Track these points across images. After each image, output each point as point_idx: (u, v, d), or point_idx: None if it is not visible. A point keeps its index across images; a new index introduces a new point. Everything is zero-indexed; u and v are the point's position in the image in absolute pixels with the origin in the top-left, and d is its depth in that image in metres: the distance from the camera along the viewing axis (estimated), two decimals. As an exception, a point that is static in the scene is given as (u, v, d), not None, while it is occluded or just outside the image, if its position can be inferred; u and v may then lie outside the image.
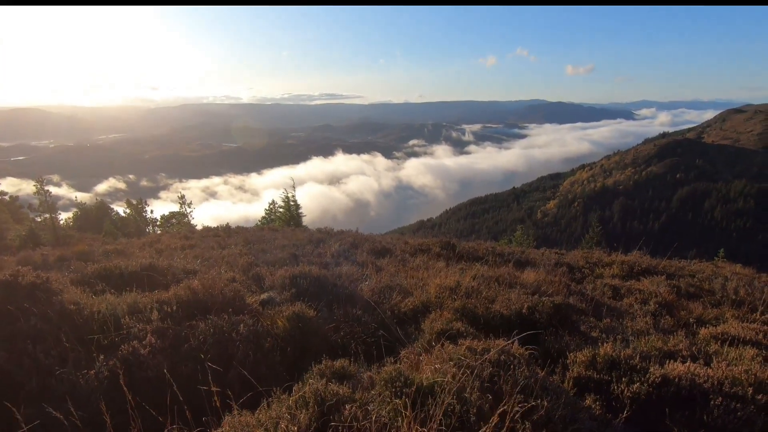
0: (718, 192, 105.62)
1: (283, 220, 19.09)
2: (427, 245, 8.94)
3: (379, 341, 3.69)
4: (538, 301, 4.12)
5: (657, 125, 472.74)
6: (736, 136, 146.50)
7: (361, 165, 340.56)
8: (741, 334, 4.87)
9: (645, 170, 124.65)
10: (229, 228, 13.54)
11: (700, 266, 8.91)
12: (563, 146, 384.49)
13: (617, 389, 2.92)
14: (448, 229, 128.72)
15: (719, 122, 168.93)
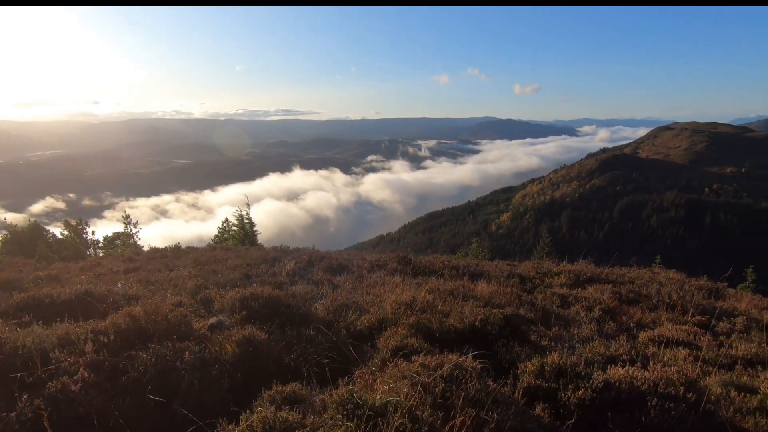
0: (653, 203, 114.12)
1: (237, 239, 18.47)
2: (384, 261, 8.95)
3: (334, 362, 3.62)
4: (490, 313, 4.22)
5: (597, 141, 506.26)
6: (667, 151, 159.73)
7: (319, 181, 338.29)
8: (675, 335, 5.24)
9: (589, 183, 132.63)
10: (178, 248, 12.90)
11: (638, 273, 9.52)
12: (514, 161, 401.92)
13: (564, 396, 3.03)
14: (407, 243, 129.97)
15: (651, 138, 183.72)
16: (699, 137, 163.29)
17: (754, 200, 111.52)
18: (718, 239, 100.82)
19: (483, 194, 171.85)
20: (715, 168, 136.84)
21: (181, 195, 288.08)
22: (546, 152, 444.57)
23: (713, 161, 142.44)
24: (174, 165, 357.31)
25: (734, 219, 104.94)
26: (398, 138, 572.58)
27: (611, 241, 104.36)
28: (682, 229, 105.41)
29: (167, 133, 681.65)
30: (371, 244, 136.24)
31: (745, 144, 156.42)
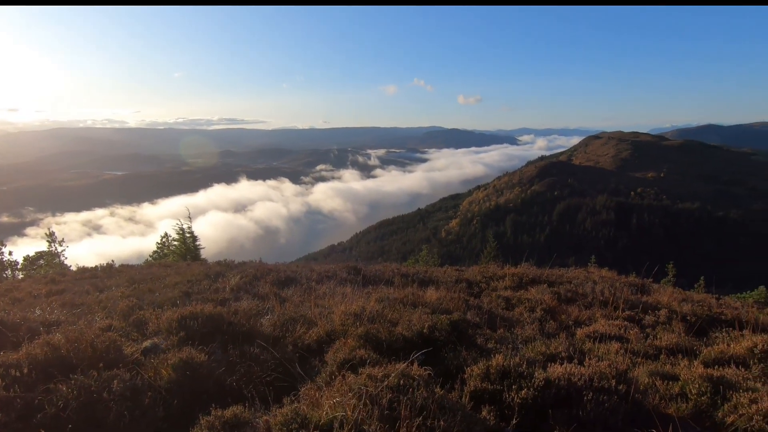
0: (587, 206, 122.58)
1: (178, 254, 17.44)
2: (334, 271, 8.85)
3: (280, 380, 3.49)
4: (437, 320, 4.27)
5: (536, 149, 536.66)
6: (597, 159, 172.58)
7: (267, 191, 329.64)
8: (608, 330, 5.59)
9: (530, 189, 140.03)
10: (110, 267, 11.94)
11: (575, 273, 10.12)
12: (460, 169, 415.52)
13: (509, 397, 3.12)
14: (359, 251, 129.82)
15: (583, 147, 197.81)
16: (624, 145, 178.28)
17: (672, 202, 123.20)
18: (644, 238, 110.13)
19: (432, 201, 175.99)
20: (638, 173, 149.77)
21: (116, 209, 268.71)
22: (490, 160, 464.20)
23: (636, 167, 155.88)
24: (106, 177, 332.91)
25: (656, 219, 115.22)
26: (347, 147, 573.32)
27: (552, 243, 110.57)
28: (612, 230, 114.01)
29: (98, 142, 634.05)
30: (323, 254, 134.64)
31: (662, 151, 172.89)
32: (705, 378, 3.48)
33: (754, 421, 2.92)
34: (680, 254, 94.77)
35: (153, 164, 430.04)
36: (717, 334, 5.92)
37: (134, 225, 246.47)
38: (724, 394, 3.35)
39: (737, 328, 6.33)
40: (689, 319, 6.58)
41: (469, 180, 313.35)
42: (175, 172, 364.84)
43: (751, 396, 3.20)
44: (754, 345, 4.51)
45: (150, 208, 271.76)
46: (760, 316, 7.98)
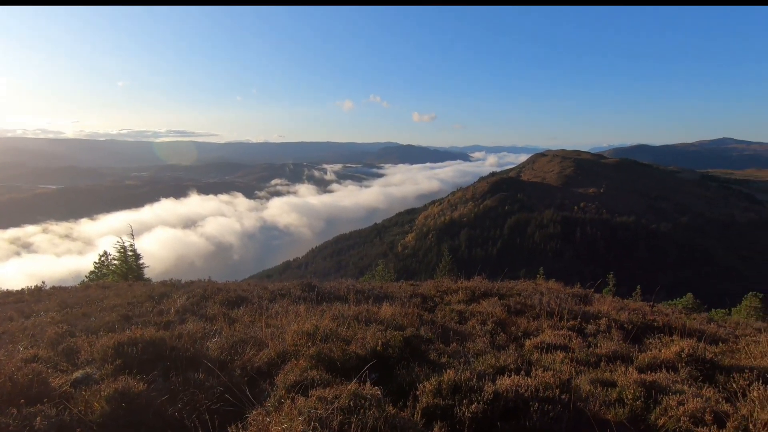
0: (535, 220, 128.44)
1: (119, 274, 16.30)
2: (287, 289, 8.64)
3: (227, 406, 3.33)
4: (391, 336, 4.28)
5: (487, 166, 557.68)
6: (543, 175, 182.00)
7: (220, 206, 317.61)
8: (553, 341, 5.83)
9: (482, 204, 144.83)
10: (39, 290, 10.93)
11: (524, 285, 10.53)
12: (416, 184, 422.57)
13: (460, 412, 3.16)
14: (315, 267, 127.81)
15: (531, 164, 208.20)
16: (567, 163, 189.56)
17: (611, 216, 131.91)
18: (587, 250, 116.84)
19: (389, 216, 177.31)
20: (581, 189, 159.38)
21: (49, 225, 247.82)
22: (444, 176, 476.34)
23: (579, 183, 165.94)
24: (40, 191, 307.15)
25: (598, 232, 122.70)
26: (303, 162, 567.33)
27: (504, 256, 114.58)
28: (559, 242, 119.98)
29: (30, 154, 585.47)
30: (278, 270, 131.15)
31: (601, 169, 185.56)
32: (639, 383, 3.71)
33: (682, 422, 3.15)
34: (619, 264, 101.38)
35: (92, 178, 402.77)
36: (650, 340, 6.35)
37: (71, 242, 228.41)
38: (656, 397, 3.59)
39: (668, 334, 6.83)
40: (626, 327, 7.02)
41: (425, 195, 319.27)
42: (118, 186, 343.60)
43: (679, 398, 3.45)
44: (681, 350, 4.89)
45: (89, 225, 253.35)
46: (688, 321, 8.67)
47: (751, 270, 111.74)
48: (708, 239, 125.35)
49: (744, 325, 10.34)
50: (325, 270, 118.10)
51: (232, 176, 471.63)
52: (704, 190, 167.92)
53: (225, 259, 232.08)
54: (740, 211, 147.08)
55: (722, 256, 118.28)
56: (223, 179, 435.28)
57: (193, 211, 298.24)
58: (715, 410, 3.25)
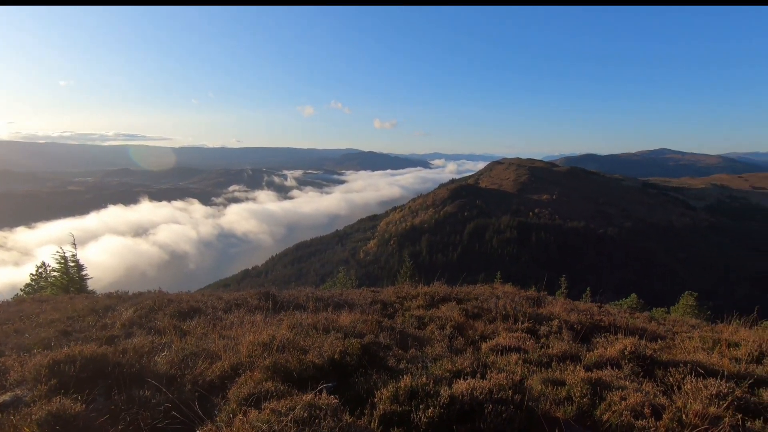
0: (493, 226, 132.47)
1: (59, 287, 15.13)
2: (244, 298, 8.39)
3: (175, 423, 3.17)
4: (349, 344, 4.25)
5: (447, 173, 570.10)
6: (500, 182, 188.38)
7: (173, 213, 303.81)
8: (508, 343, 6.00)
9: (442, 210, 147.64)
10: (-36, 306, 9.95)
11: (482, 289, 10.80)
12: (377, 190, 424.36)
13: (416, 417, 3.18)
14: (276, 275, 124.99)
15: (488, 171, 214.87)
16: (522, 170, 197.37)
17: (563, 221, 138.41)
18: (541, 254, 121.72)
19: (350, 222, 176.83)
20: (535, 195, 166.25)
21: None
22: (405, 182, 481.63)
23: (533, 190, 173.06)
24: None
25: (551, 237, 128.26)
26: (262, 167, 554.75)
27: (463, 261, 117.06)
28: (516, 247, 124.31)
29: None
30: (236, 279, 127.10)
31: (554, 176, 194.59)
32: (586, 381, 3.90)
33: (624, 416, 3.33)
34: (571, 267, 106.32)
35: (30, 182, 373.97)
36: (598, 339, 6.68)
37: (5, 253, 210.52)
38: (601, 394, 3.78)
39: (613, 333, 7.22)
40: (576, 328, 7.35)
41: (386, 201, 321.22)
42: (59, 191, 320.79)
43: (622, 394, 3.65)
44: (625, 347, 5.18)
45: (26, 233, 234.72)
46: (631, 320, 9.20)
47: (687, 271, 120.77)
48: (649, 242, 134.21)
49: (681, 323, 11.11)
50: (286, 278, 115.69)
51: (186, 182, 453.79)
52: (645, 197, 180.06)
53: (180, 269, 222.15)
54: (677, 216, 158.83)
55: (662, 258, 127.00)
56: (177, 185, 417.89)
57: (144, 218, 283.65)
58: (653, 403, 3.47)
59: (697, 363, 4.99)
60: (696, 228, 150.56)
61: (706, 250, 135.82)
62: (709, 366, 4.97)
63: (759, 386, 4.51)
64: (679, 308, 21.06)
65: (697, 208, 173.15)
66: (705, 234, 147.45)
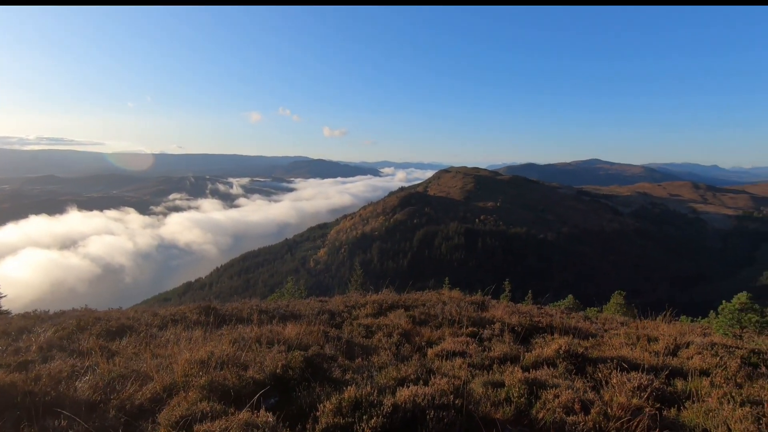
0: (442, 232, 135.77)
1: (-35, 308, 13.47)
2: (182, 313, 7.93)
3: (96, 454, 2.91)
4: (291, 358, 4.13)
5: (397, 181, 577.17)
6: (448, 190, 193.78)
7: (106, 223, 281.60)
8: (453, 348, 6.14)
9: (392, 218, 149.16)
10: None
11: (429, 296, 10.98)
12: (327, 198, 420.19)
13: (359, 428, 3.15)
14: (221, 287, 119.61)
15: (436, 179, 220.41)
16: (469, 179, 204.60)
17: (506, 227, 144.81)
18: (487, 259, 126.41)
19: (300, 231, 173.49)
20: (480, 203, 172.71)
21: None
22: (355, 190, 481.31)
23: (479, 198, 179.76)
24: None
25: (496, 242, 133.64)
26: (206, 175, 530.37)
27: (414, 268, 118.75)
28: (463, 252, 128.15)
29: None
30: (177, 292, 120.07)
31: (497, 184, 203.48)
32: (523, 381, 4.07)
33: (557, 413, 3.51)
34: (514, 271, 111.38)
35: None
36: (536, 340, 7.01)
37: None
38: (537, 393, 3.95)
39: (551, 333, 7.61)
40: (517, 330, 7.67)
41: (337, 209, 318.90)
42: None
43: (555, 392, 3.84)
44: (560, 347, 5.48)
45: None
46: (567, 320, 9.75)
47: (617, 271, 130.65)
48: (584, 246, 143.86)
49: (611, 320, 11.95)
50: (232, 290, 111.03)
51: (121, 190, 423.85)
52: (580, 204, 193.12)
53: (114, 283, 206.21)
54: (607, 221, 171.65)
55: (595, 260, 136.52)
56: (110, 193, 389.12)
57: (72, 229, 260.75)
58: (583, 399, 3.68)
59: (622, 358, 5.38)
60: (624, 232, 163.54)
61: (632, 252, 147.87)
62: (632, 360, 5.38)
63: (674, 377, 4.95)
64: (611, 307, 22.63)
65: (625, 214, 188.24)
66: (631, 237, 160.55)
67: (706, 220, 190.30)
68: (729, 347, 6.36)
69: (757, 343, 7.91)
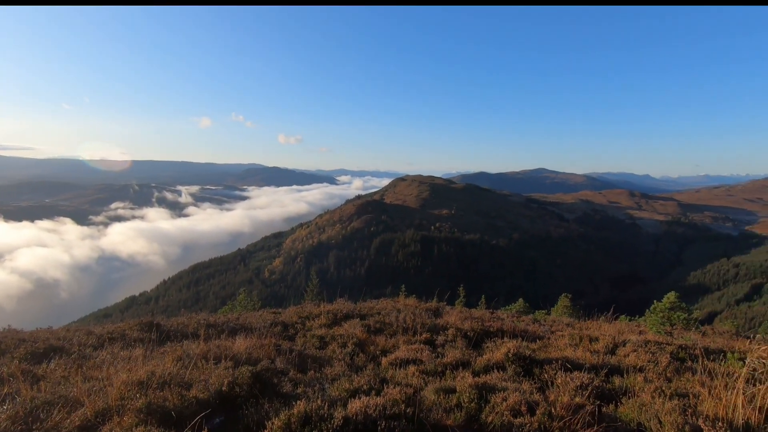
0: (398, 240, 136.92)
1: None
2: (122, 330, 7.41)
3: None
4: (238, 374, 3.97)
5: (353, 189, 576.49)
6: (404, 198, 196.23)
7: (39, 234, 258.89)
8: (407, 356, 6.16)
9: (349, 226, 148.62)
10: None
11: (384, 304, 11.00)
12: (283, 207, 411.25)
13: (309, 444, 3.07)
14: (169, 301, 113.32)
15: (393, 187, 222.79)
16: (424, 187, 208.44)
17: (461, 234, 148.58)
18: (443, 265, 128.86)
19: (254, 240, 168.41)
20: (436, 210, 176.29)
21: None
22: (312, 198, 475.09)
23: (434, 205, 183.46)
24: None
25: (451, 249, 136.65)
26: (151, 183, 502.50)
27: (371, 276, 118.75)
28: (419, 260, 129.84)
29: None
30: (120, 308, 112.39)
31: (452, 193, 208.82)
32: (473, 386, 4.14)
33: (504, 416, 3.60)
34: (469, 276, 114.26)
35: None
36: (488, 344, 7.19)
37: None
38: (486, 397, 4.04)
39: (501, 337, 7.85)
40: (469, 335, 7.84)
41: (293, 218, 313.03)
42: None
43: (503, 395, 3.95)
44: (509, 350, 5.65)
45: None
46: (518, 323, 10.11)
47: (564, 275, 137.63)
48: (533, 251, 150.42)
49: (558, 322, 12.53)
50: (181, 303, 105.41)
51: (55, 198, 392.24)
52: (528, 211, 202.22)
53: (48, 299, 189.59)
54: (554, 227, 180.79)
55: (544, 264, 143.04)
56: (43, 202, 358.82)
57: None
58: (529, 401, 3.81)
59: (567, 359, 5.64)
60: (569, 237, 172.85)
61: (577, 256, 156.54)
62: (575, 360, 5.65)
63: (613, 374, 5.25)
64: (558, 309, 23.75)
65: (569, 220, 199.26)
66: (576, 242, 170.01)
67: (641, 225, 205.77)
68: (660, 344, 6.86)
69: (685, 338, 8.59)
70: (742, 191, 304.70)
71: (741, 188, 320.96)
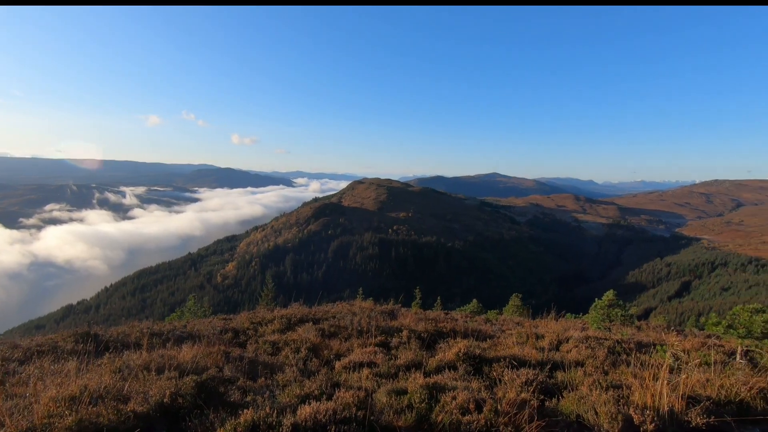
0: (356, 243, 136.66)
1: None
2: (53, 342, 6.86)
3: None
4: (181, 384, 3.79)
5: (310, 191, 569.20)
6: (362, 201, 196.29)
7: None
8: (361, 359, 6.14)
9: (306, 229, 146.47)
10: None
11: (339, 307, 10.92)
12: (237, 209, 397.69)
13: (256, 454, 2.98)
14: (111, 309, 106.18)
15: (350, 190, 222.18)
16: (382, 190, 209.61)
17: (418, 237, 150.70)
18: (400, 268, 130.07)
19: (206, 244, 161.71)
20: (393, 213, 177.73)
21: None
22: (267, 201, 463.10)
23: (392, 208, 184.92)
24: None
25: (408, 251, 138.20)
26: (92, 183, 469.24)
27: (329, 279, 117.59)
28: (377, 262, 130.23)
29: None
30: (55, 317, 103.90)
31: (409, 196, 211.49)
32: (424, 386, 4.21)
33: (454, 414, 3.68)
34: (425, 278, 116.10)
35: None
36: (441, 345, 7.33)
37: None
38: (437, 397, 4.11)
39: (453, 337, 8.03)
40: (423, 336, 7.96)
41: (247, 220, 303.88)
42: None
43: (453, 394, 4.04)
44: (460, 350, 5.79)
45: None
46: (470, 324, 10.38)
47: (515, 275, 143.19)
48: (487, 253, 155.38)
49: (508, 321, 13.00)
50: (125, 311, 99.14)
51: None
52: (482, 214, 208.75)
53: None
54: (506, 230, 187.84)
55: (497, 265, 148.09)
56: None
57: None
58: (477, 398, 3.92)
59: (514, 356, 5.86)
60: (520, 239, 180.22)
61: (527, 257, 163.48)
62: (522, 357, 5.88)
63: (556, 369, 5.51)
64: (509, 308, 24.64)
65: (521, 223, 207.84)
66: (526, 244, 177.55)
67: (585, 227, 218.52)
68: (600, 339, 7.30)
69: (622, 333, 9.20)
70: (672, 196, 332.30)
71: (672, 194, 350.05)
